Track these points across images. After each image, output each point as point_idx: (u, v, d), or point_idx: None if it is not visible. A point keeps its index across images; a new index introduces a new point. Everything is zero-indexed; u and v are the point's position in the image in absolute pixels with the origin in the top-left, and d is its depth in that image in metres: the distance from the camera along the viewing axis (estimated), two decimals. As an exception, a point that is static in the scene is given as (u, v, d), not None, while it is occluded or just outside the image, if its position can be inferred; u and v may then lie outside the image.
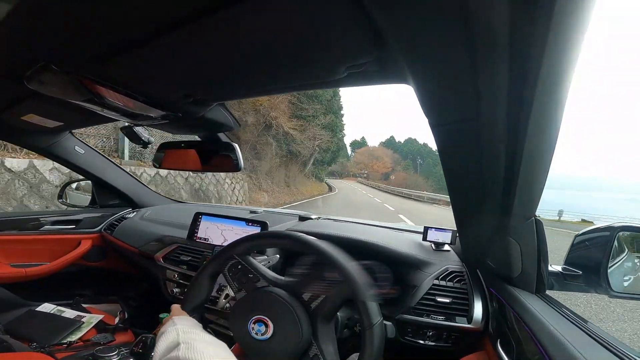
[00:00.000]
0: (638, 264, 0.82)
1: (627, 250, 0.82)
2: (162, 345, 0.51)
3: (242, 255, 0.70)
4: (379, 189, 35.06)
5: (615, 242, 0.69)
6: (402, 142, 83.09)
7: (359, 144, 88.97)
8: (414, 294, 0.85)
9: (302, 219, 1.36)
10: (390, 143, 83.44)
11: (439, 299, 0.83)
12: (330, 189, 26.49)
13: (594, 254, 0.70)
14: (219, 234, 1.19)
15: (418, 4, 0.30)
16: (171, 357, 0.47)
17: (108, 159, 1.55)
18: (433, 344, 0.81)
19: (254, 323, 0.61)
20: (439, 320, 0.80)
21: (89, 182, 1.59)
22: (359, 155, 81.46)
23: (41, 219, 1.40)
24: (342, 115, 21.17)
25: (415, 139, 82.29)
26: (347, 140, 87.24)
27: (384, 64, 0.47)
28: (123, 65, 0.54)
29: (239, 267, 0.69)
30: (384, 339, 0.59)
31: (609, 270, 0.68)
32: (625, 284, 0.75)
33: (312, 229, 1.12)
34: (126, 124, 0.90)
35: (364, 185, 45.97)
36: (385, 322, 0.61)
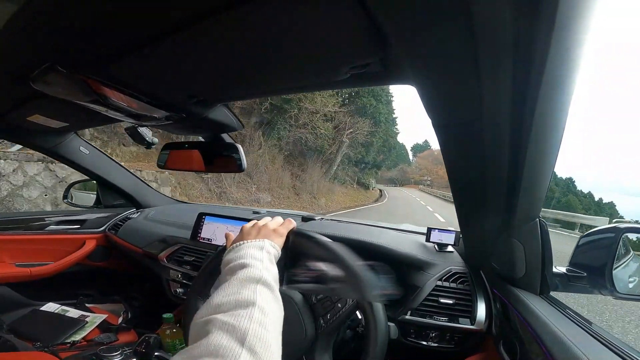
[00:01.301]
0: (643, 265, 0.82)
1: (632, 251, 0.81)
2: (234, 286, 0.39)
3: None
4: (444, 199, 25.05)
5: (621, 244, 0.69)
6: (473, 143, 75.16)
7: (421, 148, 79.60)
8: (417, 295, 0.84)
9: (305, 219, 1.35)
10: (458, 145, 75.63)
11: (442, 300, 0.83)
12: (380, 197, 21.02)
13: (599, 255, 0.69)
14: (222, 234, 1.19)
15: (421, 5, 0.30)
16: (239, 325, 0.33)
17: (112, 159, 1.56)
18: (436, 345, 0.81)
19: None
20: (442, 321, 0.80)
21: (94, 182, 1.60)
22: (421, 159, 72.45)
23: (46, 219, 1.41)
24: (390, 102, 16.13)
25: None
26: (408, 144, 78.00)
27: (387, 65, 0.47)
28: (128, 66, 0.54)
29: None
30: (387, 339, 0.59)
31: (614, 272, 0.67)
32: (631, 285, 0.74)
33: (315, 229, 1.11)
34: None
35: (425, 193, 37.39)
36: (388, 323, 0.61)
